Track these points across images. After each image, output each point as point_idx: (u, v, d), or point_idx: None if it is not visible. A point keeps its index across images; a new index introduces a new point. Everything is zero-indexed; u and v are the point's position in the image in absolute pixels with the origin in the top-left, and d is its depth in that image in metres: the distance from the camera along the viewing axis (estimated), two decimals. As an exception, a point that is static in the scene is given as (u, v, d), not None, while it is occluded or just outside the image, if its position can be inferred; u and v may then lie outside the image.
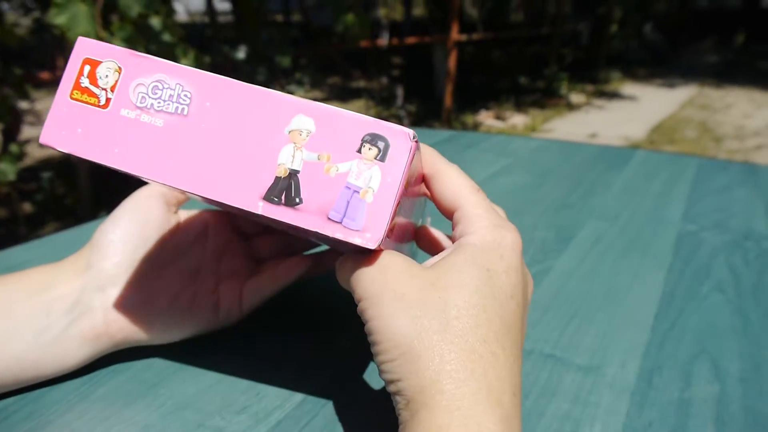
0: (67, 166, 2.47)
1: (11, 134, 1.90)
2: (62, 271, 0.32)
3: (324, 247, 0.43)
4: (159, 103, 0.23)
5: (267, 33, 2.56)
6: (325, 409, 0.31)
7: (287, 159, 0.22)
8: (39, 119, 4.07)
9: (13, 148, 1.70)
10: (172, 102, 0.23)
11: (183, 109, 0.23)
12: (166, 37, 1.42)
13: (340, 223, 0.22)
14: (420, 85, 5.40)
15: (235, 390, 0.32)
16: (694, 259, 0.49)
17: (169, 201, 0.34)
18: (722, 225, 0.57)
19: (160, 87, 0.23)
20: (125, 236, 0.32)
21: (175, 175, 0.22)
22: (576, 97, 5.63)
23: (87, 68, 0.23)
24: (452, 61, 4.06)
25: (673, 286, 0.45)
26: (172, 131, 0.23)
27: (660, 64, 7.83)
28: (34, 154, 3.24)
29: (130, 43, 1.29)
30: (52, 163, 3.07)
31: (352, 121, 0.22)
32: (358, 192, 0.22)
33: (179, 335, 0.34)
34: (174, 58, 1.45)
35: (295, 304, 0.40)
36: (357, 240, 0.22)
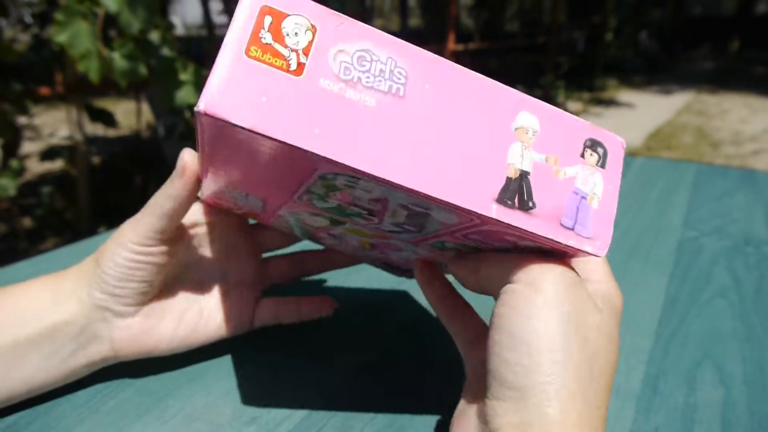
0: (66, 180, 2.48)
1: (11, 149, 1.90)
2: (64, 294, 0.30)
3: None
4: (368, 77, 0.19)
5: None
6: (334, 419, 0.31)
7: (516, 159, 0.20)
8: (38, 134, 4.08)
9: (13, 163, 1.70)
10: (384, 79, 0.19)
11: (398, 89, 0.19)
12: (166, 51, 1.43)
13: (572, 230, 0.21)
14: (417, 95, 5.42)
15: (244, 400, 0.32)
16: (695, 265, 0.50)
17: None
18: (722, 231, 0.57)
19: (368, 58, 0.19)
20: (127, 274, 0.30)
21: (392, 169, 0.18)
22: (573, 105, 5.65)
23: (268, 19, 0.18)
24: (449, 71, 4.07)
25: (676, 292, 0.45)
26: (387, 114, 0.19)
27: (656, 71, 7.87)
28: (33, 169, 3.24)
29: (131, 60, 1.30)
30: (51, 178, 3.08)
31: (574, 123, 0.21)
32: (585, 198, 0.21)
33: (188, 348, 0.34)
34: (173, 72, 1.45)
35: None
36: (588, 248, 0.21)
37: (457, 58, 5.19)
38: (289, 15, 0.18)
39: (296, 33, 0.18)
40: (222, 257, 0.35)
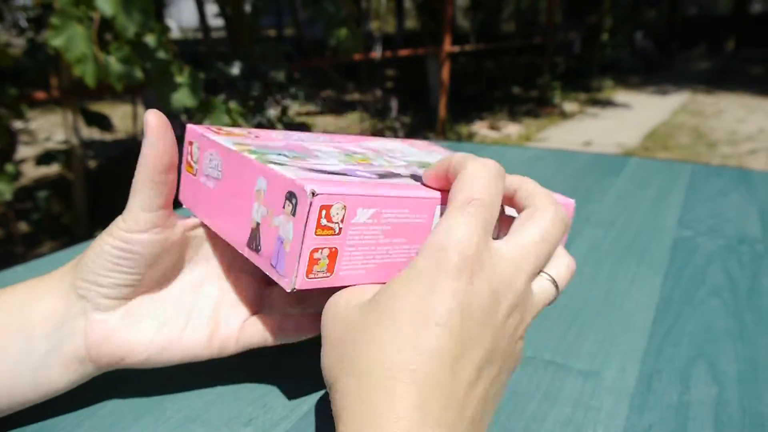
0: (62, 184, 2.47)
1: (7, 154, 1.90)
2: (44, 290, 0.29)
3: None
4: (210, 170, 0.30)
5: (260, 48, 2.57)
6: (332, 420, 0.31)
7: (256, 214, 0.27)
8: (34, 138, 4.07)
9: (9, 167, 1.70)
10: (215, 169, 0.30)
11: (219, 174, 0.30)
12: (161, 54, 1.43)
13: (275, 268, 0.26)
14: (414, 97, 5.43)
15: (241, 402, 0.32)
16: (689, 264, 0.50)
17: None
18: (717, 230, 0.58)
19: (212, 158, 0.30)
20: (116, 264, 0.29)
21: (214, 224, 0.30)
22: (569, 106, 5.66)
23: (193, 148, 0.32)
24: (445, 72, 4.09)
25: (670, 291, 0.45)
26: (213, 191, 0.30)
27: (652, 72, 7.89)
28: (29, 173, 3.24)
29: (127, 63, 1.30)
30: (47, 183, 3.07)
31: (281, 179, 0.25)
32: (283, 243, 0.25)
33: (167, 363, 0.31)
34: (169, 75, 1.46)
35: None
36: (283, 283, 0.25)
37: (453, 59, 5.19)
38: (193, 142, 0.32)
39: (193, 153, 0.32)
40: (220, 271, 0.33)
